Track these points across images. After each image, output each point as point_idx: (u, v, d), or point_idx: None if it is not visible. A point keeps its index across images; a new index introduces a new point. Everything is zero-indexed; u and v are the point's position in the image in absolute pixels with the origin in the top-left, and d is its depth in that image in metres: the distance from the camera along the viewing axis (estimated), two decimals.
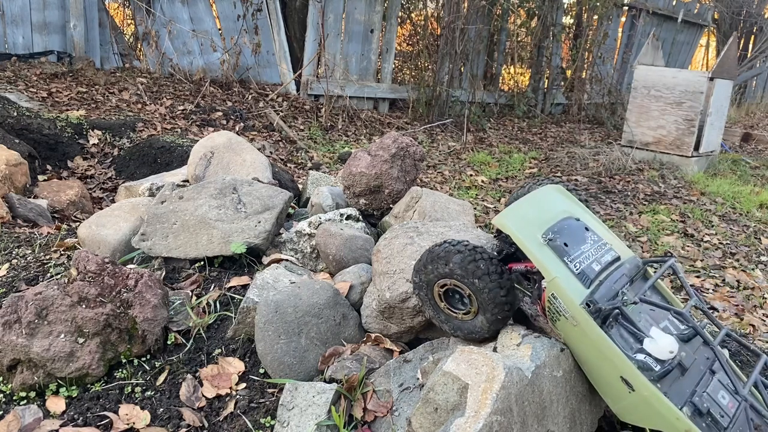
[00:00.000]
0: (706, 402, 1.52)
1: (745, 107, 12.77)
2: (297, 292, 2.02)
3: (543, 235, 1.67)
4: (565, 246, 1.66)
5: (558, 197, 1.87)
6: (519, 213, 1.74)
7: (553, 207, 1.80)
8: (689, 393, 1.53)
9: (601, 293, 1.60)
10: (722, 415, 1.51)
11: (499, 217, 1.72)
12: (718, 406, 1.53)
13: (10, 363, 1.96)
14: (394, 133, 2.92)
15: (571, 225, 1.74)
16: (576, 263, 1.64)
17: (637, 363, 1.51)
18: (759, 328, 3.25)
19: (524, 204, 1.79)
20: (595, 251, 1.71)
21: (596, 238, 1.76)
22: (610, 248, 1.77)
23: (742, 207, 5.62)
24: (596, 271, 1.66)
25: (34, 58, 5.92)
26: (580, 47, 9.61)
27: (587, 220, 1.82)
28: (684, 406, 1.49)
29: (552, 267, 1.61)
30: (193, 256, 2.41)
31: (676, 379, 1.54)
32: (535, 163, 6.86)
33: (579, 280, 1.62)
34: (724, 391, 1.58)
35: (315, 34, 7.22)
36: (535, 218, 1.73)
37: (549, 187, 1.90)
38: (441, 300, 1.79)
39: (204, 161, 3.10)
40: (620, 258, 1.76)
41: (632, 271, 1.75)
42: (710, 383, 1.58)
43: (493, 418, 1.41)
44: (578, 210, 1.85)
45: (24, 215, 3.25)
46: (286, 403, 1.79)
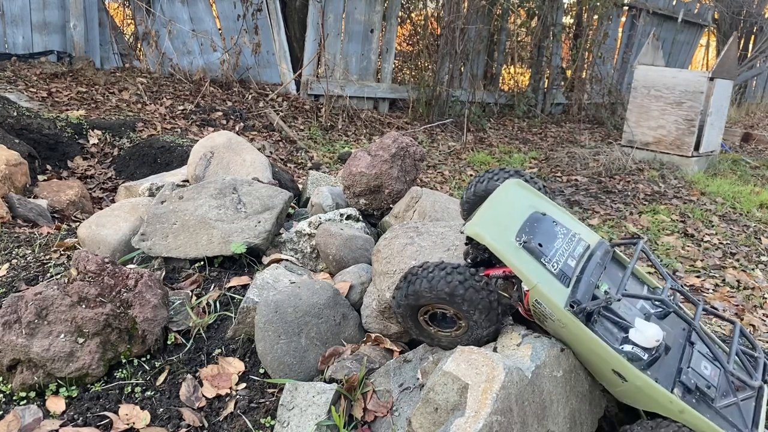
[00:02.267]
0: (692, 378, 1.56)
1: (745, 107, 12.77)
2: (297, 292, 2.02)
3: (516, 239, 1.65)
4: (539, 246, 1.65)
5: (520, 192, 1.85)
6: (489, 218, 1.70)
7: (518, 204, 1.78)
8: (676, 372, 1.57)
9: (581, 290, 1.61)
10: (708, 387, 1.57)
11: (471, 227, 1.68)
12: (704, 379, 1.58)
13: (10, 363, 1.96)
14: (394, 133, 2.92)
15: (540, 222, 1.73)
16: (553, 263, 1.64)
17: (626, 355, 1.54)
18: (759, 328, 3.25)
19: (490, 206, 1.76)
20: (567, 246, 1.71)
21: (565, 230, 1.76)
22: (580, 238, 1.77)
23: (742, 207, 5.62)
24: (573, 267, 1.66)
25: (34, 58, 5.92)
26: (580, 47, 9.61)
27: (552, 212, 1.81)
28: (674, 387, 1.53)
29: (531, 273, 1.60)
30: (193, 256, 2.41)
31: (662, 359, 1.58)
32: (535, 162, 6.86)
33: (559, 280, 1.61)
34: (705, 362, 1.64)
35: (315, 34, 7.22)
36: (504, 220, 1.70)
37: (509, 183, 1.87)
38: (428, 324, 1.76)
39: (204, 161, 3.10)
40: (590, 246, 1.77)
41: (604, 258, 1.77)
42: (692, 356, 1.63)
43: (493, 418, 1.41)
44: (542, 203, 1.84)
45: (24, 215, 3.25)
46: (286, 403, 1.79)
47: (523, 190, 1.86)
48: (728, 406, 1.56)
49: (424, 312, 1.72)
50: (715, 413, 1.53)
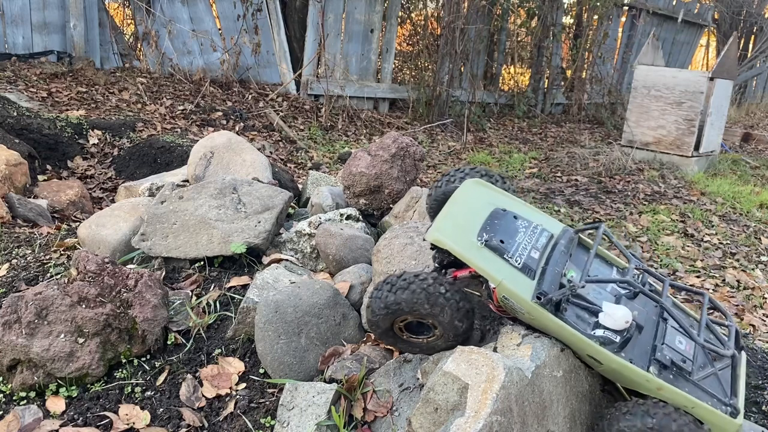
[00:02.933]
0: (667, 353, 1.58)
1: (745, 107, 12.77)
2: (297, 292, 2.02)
3: (478, 238, 1.65)
4: (501, 243, 1.65)
5: (480, 191, 1.85)
6: (449, 222, 1.70)
7: (478, 203, 1.78)
8: (651, 350, 1.59)
9: (547, 281, 1.62)
10: (684, 361, 1.58)
11: (431, 233, 1.67)
12: (679, 354, 1.60)
13: (10, 363, 1.96)
14: (394, 133, 2.92)
15: (501, 218, 1.73)
16: (516, 258, 1.64)
17: (598, 340, 1.55)
18: (759, 328, 3.25)
19: (450, 209, 1.75)
20: (529, 238, 1.71)
21: (526, 223, 1.76)
22: (542, 229, 1.77)
23: (742, 207, 5.62)
24: (536, 259, 1.66)
25: (34, 58, 5.92)
26: (580, 47, 9.61)
27: (513, 207, 1.82)
28: (650, 365, 1.55)
29: (495, 270, 1.60)
30: (193, 256, 2.41)
31: (636, 338, 1.59)
32: (535, 163, 6.86)
33: (524, 273, 1.62)
34: (680, 337, 1.65)
35: (315, 34, 7.22)
36: (465, 222, 1.70)
37: (468, 183, 1.87)
38: (402, 332, 1.75)
39: (204, 161, 3.10)
40: (554, 235, 1.77)
41: (568, 245, 1.77)
42: (666, 332, 1.65)
43: (493, 418, 1.41)
44: (502, 199, 1.84)
45: (24, 215, 3.25)
46: (286, 403, 1.79)
47: (482, 188, 1.86)
48: (706, 378, 1.58)
49: (400, 321, 1.72)
50: (694, 386, 1.55)
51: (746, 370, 1.70)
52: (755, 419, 2.07)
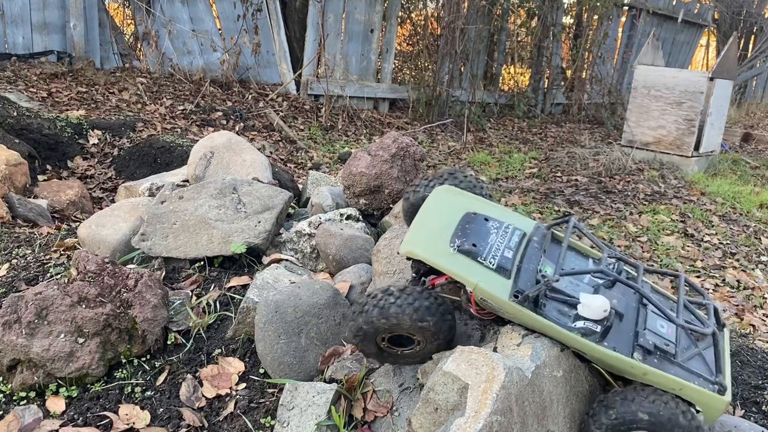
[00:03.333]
0: (650, 338, 1.59)
1: (745, 107, 12.77)
2: (297, 292, 2.02)
3: (451, 245, 1.66)
4: (474, 247, 1.66)
5: (450, 197, 1.85)
6: (421, 232, 1.71)
7: (449, 210, 1.79)
8: (633, 336, 1.60)
9: (523, 278, 1.63)
10: (667, 344, 1.59)
11: (404, 246, 1.68)
12: (661, 337, 1.61)
13: (10, 363, 1.96)
14: (394, 133, 2.92)
15: (472, 222, 1.74)
16: (490, 259, 1.64)
17: (579, 332, 1.56)
18: (759, 328, 3.25)
19: (422, 219, 1.76)
20: (502, 238, 1.72)
21: (498, 224, 1.77)
22: (514, 228, 1.78)
23: (742, 207, 5.62)
24: (510, 258, 1.67)
25: (34, 58, 5.92)
26: (580, 47, 9.61)
27: (484, 209, 1.82)
28: (634, 351, 1.56)
29: (470, 274, 1.61)
30: (193, 256, 2.41)
31: (617, 326, 1.60)
32: (535, 163, 6.86)
33: (499, 274, 1.63)
34: (661, 321, 1.66)
35: (315, 34, 7.22)
36: (437, 230, 1.71)
37: (438, 191, 1.88)
38: (384, 342, 1.74)
39: (204, 161, 3.10)
40: (526, 233, 1.78)
41: (542, 241, 1.78)
42: (647, 318, 1.66)
43: (493, 418, 1.41)
44: (472, 203, 1.85)
45: (24, 215, 3.25)
46: (286, 403, 1.79)
47: (452, 195, 1.87)
48: (690, 359, 1.60)
49: (382, 339, 1.71)
50: (679, 368, 1.56)
51: (729, 346, 1.72)
52: (755, 419, 2.07)
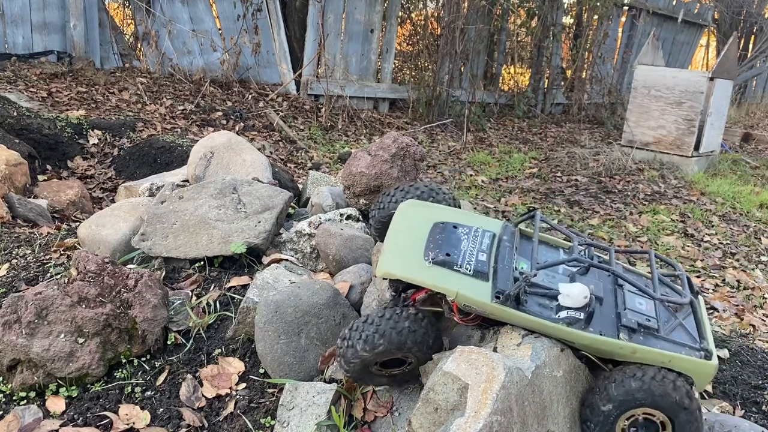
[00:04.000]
0: (632, 317, 1.62)
1: (745, 107, 12.77)
2: (297, 292, 2.02)
3: (425, 259, 1.67)
4: (448, 256, 1.67)
5: (415, 211, 1.86)
6: (393, 252, 1.71)
7: (417, 224, 1.80)
8: (616, 317, 1.63)
9: (501, 279, 1.64)
10: (649, 320, 1.63)
11: (380, 269, 1.68)
12: (642, 314, 1.64)
13: (10, 363, 1.96)
14: (394, 133, 2.92)
15: (441, 232, 1.75)
16: (466, 266, 1.66)
17: (564, 321, 1.58)
18: (759, 328, 3.25)
19: (392, 238, 1.77)
20: (473, 243, 1.73)
21: (467, 229, 1.78)
22: (484, 230, 1.79)
23: (742, 207, 5.62)
24: (485, 261, 1.69)
25: (34, 58, 5.92)
26: (580, 47, 9.61)
27: (451, 217, 1.84)
28: (619, 332, 1.59)
29: (449, 284, 1.62)
30: (193, 256, 2.41)
31: (599, 310, 1.63)
32: (535, 163, 6.86)
33: (477, 279, 1.64)
34: (639, 298, 1.69)
35: (315, 34, 7.22)
36: (409, 246, 1.72)
37: (402, 207, 1.89)
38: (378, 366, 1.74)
39: (204, 161, 3.10)
40: (496, 234, 1.80)
41: (512, 239, 1.80)
42: (625, 298, 1.69)
43: (493, 418, 1.41)
44: (439, 212, 1.86)
45: (24, 215, 3.25)
46: (286, 403, 1.79)
47: (418, 207, 1.89)
48: (673, 330, 1.64)
49: (374, 364, 1.71)
50: (665, 341, 1.59)
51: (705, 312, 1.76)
52: (755, 419, 2.07)
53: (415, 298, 1.76)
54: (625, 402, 1.53)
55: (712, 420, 1.89)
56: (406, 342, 1.64)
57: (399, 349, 1.65)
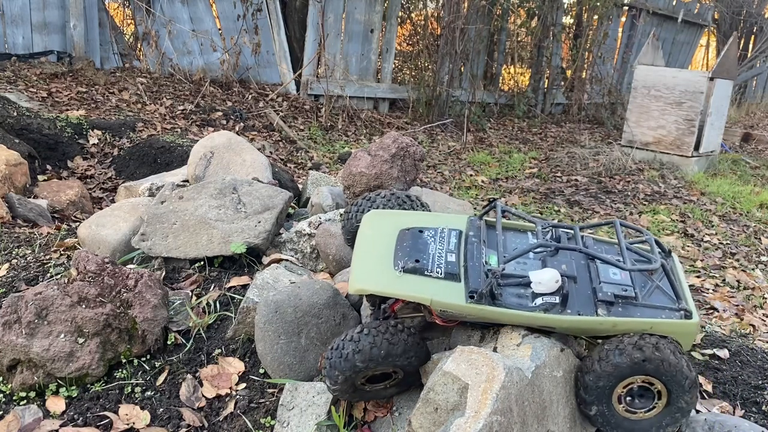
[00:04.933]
0: (607, 290, 1.62)
1: (745, 107, 12.77)
2: (297, 292, 2.02)
3: (395, 269, 1.66)
4: (417, 263, 1.66)
5: (379, 221, 1.86)
6: (363, 266, 1.70)
7: (382, 234, 1.78)
8: (592, 294, 1.63)
9: (473, 277, 1.63)
10: (625, 289, 1.63)
11: (352, 285, 1.66)
12: (618, 285, 1.64)
13: (10, 363, 1.96)
14: (394, 133, 2.92)
15: (408, 239, 1.74)
16: (436, 269, 1.65)
17: (541, 308, 1.58)
18: (759, 328, 3.25)
19: (360, 253, 1.75)
20: (441, 245, 1.73)
21: (433, 231, 1.77)
22: (450, 230, 1.78)
23: (742, 207, 5.62)
24: (455, 261, 1.68)
25: (34, 58, 5.92)
26: (580, 47, 9.61)
27: (416, 221, 1.83)
28: (597, 308, 1.59)
29: (423, 291, 1.61)
30: (193, 256, 2.41)
31: (574, 290, 1.63)
32: (535, 163, 6.86)
33: (450, 281, 1.63)
34: (611, 270, 1.69)
35: (315, 34, 7.22)
36: (377, 258, 1.70)
37: (365, 219, 1.88)
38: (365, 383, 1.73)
39: (204, 161, 3.10)
40: (462, 231, 1.79)
41: (478, 233, 1.80)
42: (598, 271, 1.68)
43: (493, 418, 1.41)
44: (403, 219, 1.85)
45: (24, 215, 3.25)
46: (286, 403, 1.79)
47: (382, 217, 1.88)
48: (650, 295, 1.64)
49: (362, 377, 1.70)
50: (644, 308, 1.60)
51: (681, 270, 1.77)
52: (755, 419, 2.07)
53: (394, 309, 1.75)
54: (614, 375, 1.53)
55: (712, 420, 1.89)
56: (387, 356, 1.61)
57: (380, 364, 1.62)
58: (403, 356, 1.64)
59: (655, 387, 1.56)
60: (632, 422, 1.59)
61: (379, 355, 1.61)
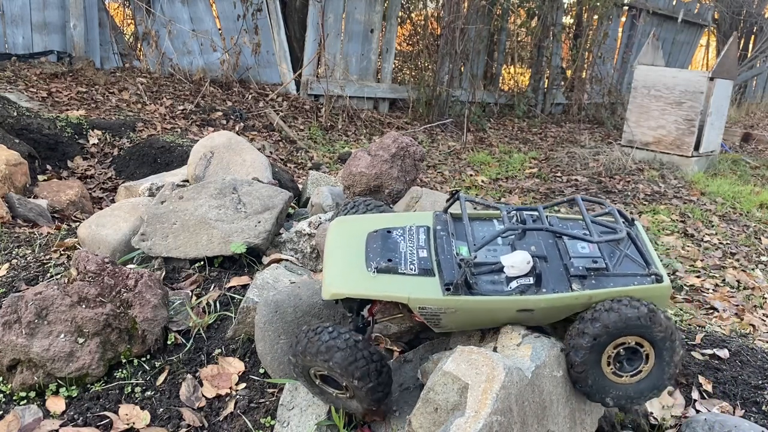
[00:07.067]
0: (578, 264, 1.64)
1: (745, 107, 12.78)
2: (297, 292, 2.02)
3: (368, 270, 1.65)
4: (389, 262, 1.65)
5: (346, 227, 1.85)
6: (334, 271, 1.69)
7: (350, 239, 1.78)
8: (564, 270, 1.64)
9: (447, 270, 1.63)
10: (596, 261, 1.65)
11: (325, 291, 1.64)
12: (588, 258, 1.66)
13: (10, 363, 1.96)
14: (394, 133, 2.92)
15: (377, 240, 1.73)
16: (410, 266, 1.65)
17: (516, 291, 1.59)
18: (759, 328, 3.25)
19: (330, 260, 1.74)
20: (411, 242, 1.73)
21: (401, 230, 1.78)
22: (417, 226, 1.79)
23: (742, 207, 5.62)
24: (427, 256, 1.68)
25: (34, 58, 5.92)
26: (580, 47, 9.61)
27: (382, 222, 1.83)
28: (571, 284, 1.60)
29: (399, 290, 1.60)
30: (193, 256, 2.41)
31: (547, 269, 1.64)
32: (535, 163, 6.86)
33: (424, 276, 1.63)
34: (579, 244, 1.70)
35: (315, 34, 7.22)
36: (348, 262, 1.69)
37: (331, 227, 1.88)
38: (316, 378, 1.70)
39: (204, 161, 3.10)
40: (430, 227, 1.80)
41: (446, 226, 1.80)
42: (567, 249, 1.69)
43: (493, 418, 1.41)
44: (369, 223, 1.85)
45: (24, 215, 3.25)
46: (286, 403, 1.79)
47: (347, 223, 1.88)
48: (621, 263, 1.66)
49: (315, 375, 1.67)
50: (615, 277, 1.62)
51: (646, 236, 1.78)
52: (755, 419, 2.07)
53: (372, 312, 1.74)
54: (599, 342, 1.53)
55: (712, 420, 1.89)
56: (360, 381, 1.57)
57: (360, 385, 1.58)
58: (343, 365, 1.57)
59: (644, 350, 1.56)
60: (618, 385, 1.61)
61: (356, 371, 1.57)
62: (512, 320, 1.67)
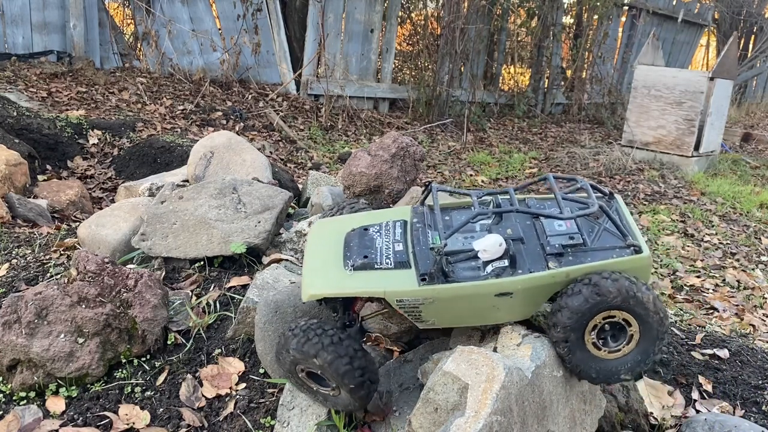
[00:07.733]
0: (554, 242, 1.63)
1: (745, 107, 12.78)
2: (297, 292, 2.02)
3: (346, 268, 1.65)
4: (366, 258, 1.66)
5: (325, 229, 1.86)
6: (313, 273, 1.69)
7: (328, 240, 1.79)
8: (541, 250, 1.63)
9: (422, 261, 1.63)
10: (573, 237, 1.63)
11: (304, 293, 1.64)
12: (564, 236, 1.64)
13: (9, 363, 1.96)
14: (394, 132, 2.92)
15: (354, 238, 1.74)
16: (386, 261, 1.65)
17: (492, 274, 1.57)
18: (759, 328, 3.25)
19: (309, 262, 1.74)
20: (387, 237, 1.73)
21: (377, 227, 1.78)
22: (394, 222, 1.79)
23: (742, 207, 5.62)
24: (402, 250, 1.68)
25: (34, 58, 5.92)
26: (580, 47, 9.61)
27: (360, 221, 1.84)
28: (548, 263, 1.58)
29: (376, 285, 1.60)
30: (192, 256, 2.41)
31: (523, 250, 1.63)
32: (535, 163, 6.86)
33: (401, 269, 1.63)
34: (555, 223, 1.69)
35: (315, 34, 7.22)
36: (327, 262, 1.70)
37: (312, 229, 1.89)
38: (308, 378, 1.70)
39: (204, 161, 3.10)
40: (406, 221, 1.80)
41: (422, 219, 1.81)
42: (544, 228, 1.68)
43: (493, 418, 1.41)
44: (347, 223, 1.86)
45: (24, 215, 3.25)
46: (287, 403, 1.79)
47: (326, 224, 1.88)
48: (599, 237, 1.64)
49: (301, 370, 1.67)
50: (594, 251, 1.60)
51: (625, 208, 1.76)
52: (755, 419, 2.07)
53: (355, 310, 1.74)
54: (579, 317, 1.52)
55: (712, 420, 1.89)
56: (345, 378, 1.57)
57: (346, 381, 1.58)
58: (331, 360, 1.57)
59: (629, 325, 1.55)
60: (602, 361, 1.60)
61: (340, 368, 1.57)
62: (494, 310, 1.63)
